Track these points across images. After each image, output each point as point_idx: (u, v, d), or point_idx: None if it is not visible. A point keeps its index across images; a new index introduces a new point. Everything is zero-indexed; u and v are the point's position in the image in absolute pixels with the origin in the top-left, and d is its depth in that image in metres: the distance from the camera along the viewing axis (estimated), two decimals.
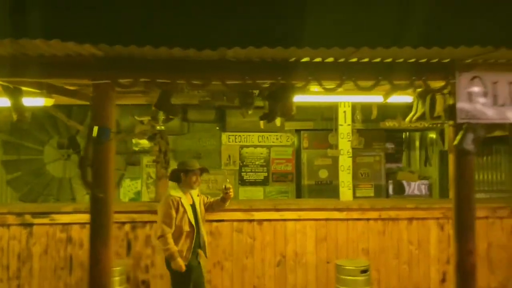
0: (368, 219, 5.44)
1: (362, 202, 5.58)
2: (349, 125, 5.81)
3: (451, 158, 3.57)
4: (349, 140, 5.85)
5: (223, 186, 4.39)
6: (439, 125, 6.54)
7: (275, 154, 7.85)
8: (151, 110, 5.21)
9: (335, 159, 7.87)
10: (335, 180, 7.82)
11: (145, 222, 5.19)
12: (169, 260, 4.12)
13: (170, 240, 4.07)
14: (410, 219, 5.47)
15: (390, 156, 9.02)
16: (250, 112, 3.92)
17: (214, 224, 5.26)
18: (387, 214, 5.44)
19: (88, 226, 5.19)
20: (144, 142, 7.29)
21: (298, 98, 3.73)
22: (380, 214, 5.43)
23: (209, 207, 4.53)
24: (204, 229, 4.38)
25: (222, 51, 2.71)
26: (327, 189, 7.70)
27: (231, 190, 4.36)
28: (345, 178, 5.80)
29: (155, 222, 5.16)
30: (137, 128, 6.18)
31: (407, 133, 8.90)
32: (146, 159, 7.58)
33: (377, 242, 5.43)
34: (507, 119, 2.97)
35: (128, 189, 7.62)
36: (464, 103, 2.83)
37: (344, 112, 5.78)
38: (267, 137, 7.81)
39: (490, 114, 2.86)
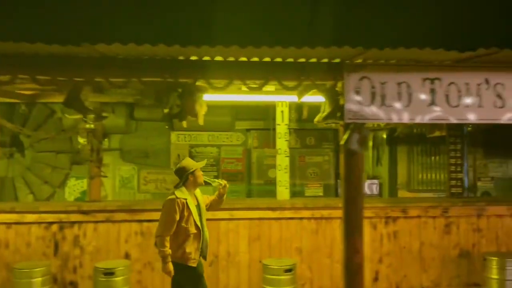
0: (301, 218, 5.46)
1: (295, 202, 5.59)
2: (286, 124, 5.81)
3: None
4: (286, 140, 5.86)
5: (218, 183, 4.23)
6: (333, 125, 6.58)
7: (225, 153, 7.83)
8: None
9: None
10: None
11: (73, 223, 5.12)
12: (161, 261, 3.95)
13: (167, 243, 3.92)
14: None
15: None
16: (166, 110, 3.88)
17: (145, 224, 5.21)
18: (320, 213, 5.46)
19: (14, 226, 5.16)
20: None
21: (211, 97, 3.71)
22: (313, 213, 5.45)
23: (210, 207, 4.38)
24: (207, 229, 4.22)
25: (88, 47, 2.66)
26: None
27: (227, 185, 4.26)
28: (282, 178, 5.80)
29: (85, 222, 5.15)
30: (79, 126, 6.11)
31: None
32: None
33: (310, 241, 5.44)
34: (395, 119, 3.01)
35: (73, 188, 7.51)
36: (352, 103, 2.84)
37: (282, 112, 5.78)
38: (217, 136, 7.79)
39: (378, 114, 2.87)
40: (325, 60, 2.89)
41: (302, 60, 2.89)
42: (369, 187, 8.21)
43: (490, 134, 8.16)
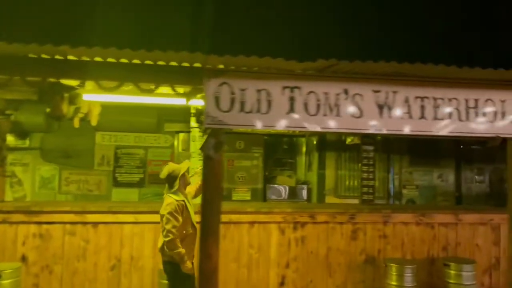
0: None
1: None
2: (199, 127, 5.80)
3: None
4: (200, 143, 5.83)
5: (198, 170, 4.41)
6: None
7: (152, 155, 7.74)
8: None
9: None
10: None
11: None
12: (179, 263, 4.04)
13: (179, 244, 4.05)
14: (252, 223, 5.52)
15: (277, 160, 9.19)
16: (47, 110, 3.79)
17: (44, 226, 5.07)
18: (228, 218, 5.45)
19: None
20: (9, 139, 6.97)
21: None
22: (222, 218, 5.45)
23: (195, 195, 4.54)
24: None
25: None
26: None
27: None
28: (194, 181, 5.77)
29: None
30: None
31: (295, 139, 9.08)
32: (11, 157, 7.22)
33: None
34: (254, 126, 3.04)
35: None
36: (211, 108, 2.85)
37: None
38: (145, 138, 7.69)
39: (237, 120, 2.90)
40: (186, 64, 2.89)
41: (162, 63, 2.89)
42: (298, 192, 8.30)
43: (415, 142, 8.43)
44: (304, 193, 8.24)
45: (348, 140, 6.52)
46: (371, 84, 3.05)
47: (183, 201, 4.19)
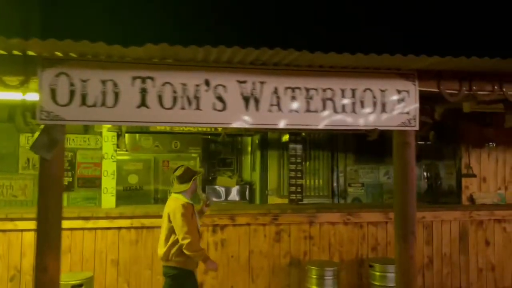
0: (119, 228, 5.11)
1: (109, 211, 5.24)
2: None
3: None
4: (114, 144, 5.51)
5: (204, 198, 4.44)
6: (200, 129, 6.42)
7: (81, 157, 7.35)
8: None
9: (146, 163, 7.60)
10: (145, 185, 7.54)
11: None
12: (203, 261, 3.98)
13: (199, 243, 4.03)
14: None
15: (221, 160, 8.90)
16: None
17: None
18: (140, 222, 5.14)
19: None
20: None
21: None
22: (132, 222, 5.13)
23: None
24: None
25: None
26: (137, 195, 7.35)
27: (210, 203, 4.47)
28: (108, 184, 5.46)
29: None
30: None
31: (240, 138, 8.80)
32: None
33: (129, 252, 5.11)
34: (98, 121, 2.75)
35: None
36: (46, 102, 2.54)
37: None
38: (73, 139, 7.30)
39: (78, 115, 2.59)
40: (18, 52, 2.58)
41: None
42: (239, 193, 8.03)
43: (360, 139, 8.22)
44: (246, 194, 7.97)
45: (284, 138, 6.24)
46: (236, 74, 2.77)
47: (192, 204, 4.08)
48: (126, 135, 7.44)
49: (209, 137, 8.45)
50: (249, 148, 8.78)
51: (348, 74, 2.98)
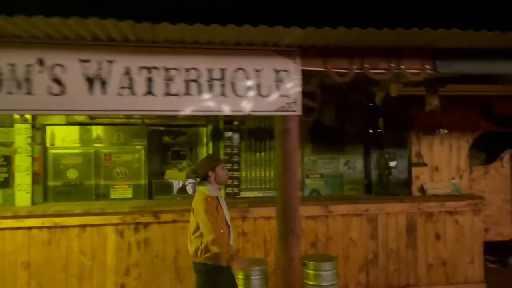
0: (30, 228, 4.74)
1: (17, 209, 4.86)
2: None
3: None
4: (28, 137, 5.13)
5: None
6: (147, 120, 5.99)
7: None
8: None
9: (87, 157, 7.20)
10: (86, 180, 7.14)
11: None
12: (229, 261, 3.66)
13: (224, 239, 3.72)
14: (83, 226, 4.84)
15: (175, 153, 8.49)
16: None
17: None
18: (53, 222, 4.77)
19: None
20: None
21: None
22: (43, 221, 4.75)
23: None
24: None
25: None
26: (77, 191, 6.96)
27: None
28: (22, 180, 5.09)
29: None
30: None
31: (195, 128, 8.37)
32: None
33: (41, 253, 4.74)
34: None
35: None
36: None
37: None
38: (7, 133, 6.90)
39: None
40: None
41: None
42: (191, 186, 7.63)
43: (318, 128, 7.80)
44: (190, 188, 7.56)
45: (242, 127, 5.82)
46: (78, 52, 2.37)
47: (216, 197, 3.80)
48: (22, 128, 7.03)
49: (162, 128, 8.06)
50: (205, 139, 8.38)
51: (216, 51, 2.57)
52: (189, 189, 7.63)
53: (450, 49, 2.79)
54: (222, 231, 3.73)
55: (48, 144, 7.04)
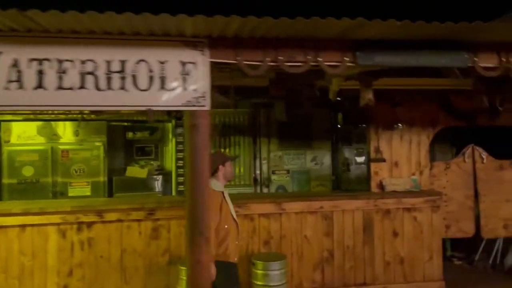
0: None
1: None
2: None
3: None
4: None
5: None
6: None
7: None
8: None
9: (43, 154, 7.00)
10: (42, 178, 6.95)
11: None
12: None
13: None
14: (23, 226, 4.66)
15: (140, 149, 8.32)
16: None
17: None
18: None
19: None
20: None
21: None
22: None
23: None
24: None
25: None
26: (33, 189, 6.78)
27: None
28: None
29: None
30: None
31: (161, 124, 8.20)
32: None
33: None
34: None
35: None
36: None
37: None
38: None
39: None
40: None
41: None
42: (152, 184, 7.47)
43: (285, 124, 7.66)
44: (159, 184, 7.41)
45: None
46: None
47: (222, 192, 3.80)
48: (17, 123, 6.88)
49: (125, 123, 7.88)
50: (170, 135, 8.21)
51: (116, 42, 2.40)
52: (157, 186, 7.50)
53: (372, 41, 2.64)
54: (226, 226, 3.71)
55: (2, 141, 6.85)
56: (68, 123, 6.97)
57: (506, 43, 2.83)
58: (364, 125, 5.91)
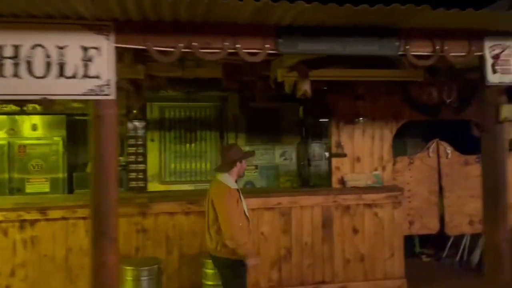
0: None
1: None
2: None
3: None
4: None
5: None
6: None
7: None
8: None
9: None
10: None
11: None
12: (246, 256, 3.56)
13: (244, 234, 3.60)
14: None
15: None
16: None
17: None
18: None
19: None
20: None
21: None
22: None
23: None
24: None
25: None
26: None
27: None
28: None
29: None
30: None
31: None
32: None
33: None
34: None
35: None
36: None
37: None
38: None
39: None
40: None
41: None
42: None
43: (253, 118, 7.49)
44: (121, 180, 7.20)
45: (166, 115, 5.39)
46: None
47: (236, 188, 3.69)
48: None
49: (87, 118, 7.65)
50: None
51: (9, 25, 2.21)
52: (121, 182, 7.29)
53: (296, 27, 2.45)
54: (241, 224, 3.62)
55: None
56: (26, 117, 6.73)
57: (441, 29, 2.66)
58: (326, 119, 5.74)
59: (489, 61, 2.91)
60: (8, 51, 2.22)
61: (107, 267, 2.38)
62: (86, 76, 2.30)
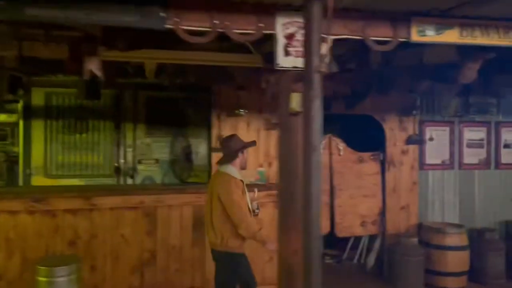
0: None
1: None
2: None
3: None
4: None
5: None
6: None
7: None
8: None
9: None
10: None
11: None
12: (264, 241, 3.51)
13: (254, 223, 3.52)
14: None
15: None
16: None
17: None
18: None
19: None
20: None
21: None
22: None
23: None
24: None
25: None
26: None
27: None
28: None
29: None
30: None
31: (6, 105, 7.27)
32: None
33: None
34: None
35: None
36: None
37: None
38: None
39: None
40: None
41: None
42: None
43: (154, 106, 6.93)
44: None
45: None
46: None
47: (241, 180, 3.59)
48: None
49: None
50: (17, 116, 7.27)
51: None
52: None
53: None
54: None
55: None
56: None
57: (221, 0, 2.19)
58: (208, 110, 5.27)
59: (281, 41, 2.46)
60: None
61: None
62: None
